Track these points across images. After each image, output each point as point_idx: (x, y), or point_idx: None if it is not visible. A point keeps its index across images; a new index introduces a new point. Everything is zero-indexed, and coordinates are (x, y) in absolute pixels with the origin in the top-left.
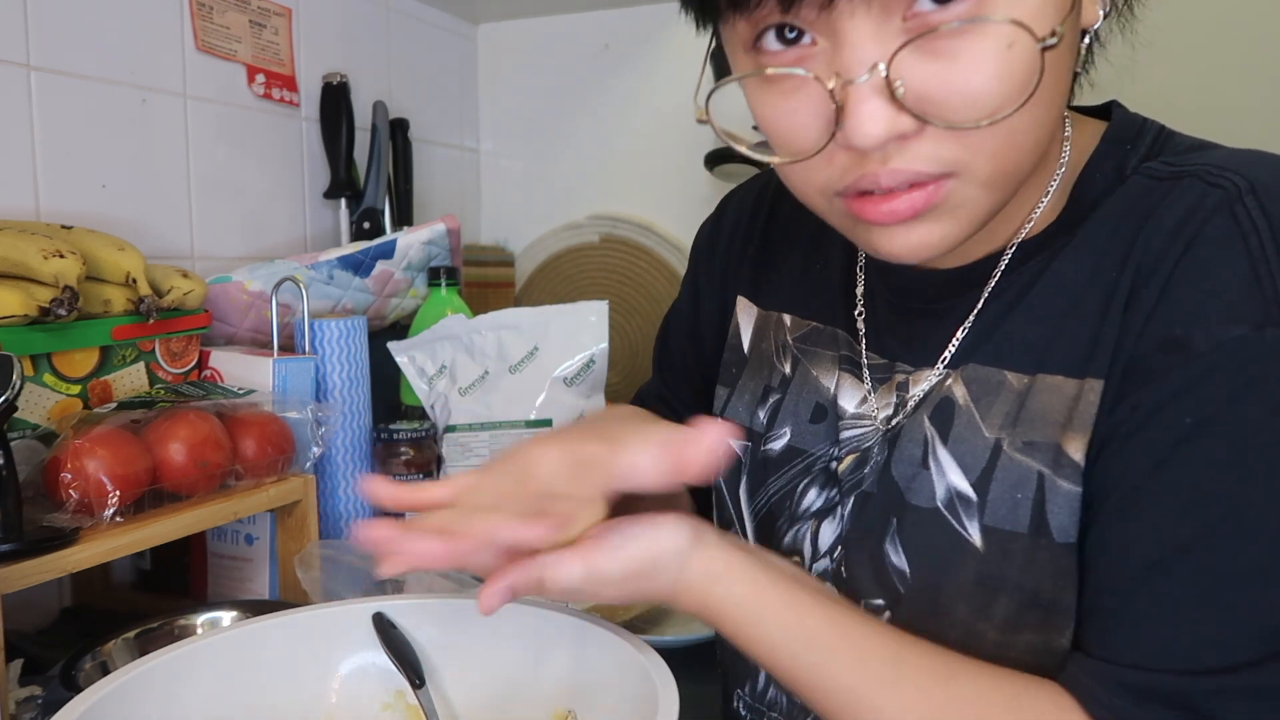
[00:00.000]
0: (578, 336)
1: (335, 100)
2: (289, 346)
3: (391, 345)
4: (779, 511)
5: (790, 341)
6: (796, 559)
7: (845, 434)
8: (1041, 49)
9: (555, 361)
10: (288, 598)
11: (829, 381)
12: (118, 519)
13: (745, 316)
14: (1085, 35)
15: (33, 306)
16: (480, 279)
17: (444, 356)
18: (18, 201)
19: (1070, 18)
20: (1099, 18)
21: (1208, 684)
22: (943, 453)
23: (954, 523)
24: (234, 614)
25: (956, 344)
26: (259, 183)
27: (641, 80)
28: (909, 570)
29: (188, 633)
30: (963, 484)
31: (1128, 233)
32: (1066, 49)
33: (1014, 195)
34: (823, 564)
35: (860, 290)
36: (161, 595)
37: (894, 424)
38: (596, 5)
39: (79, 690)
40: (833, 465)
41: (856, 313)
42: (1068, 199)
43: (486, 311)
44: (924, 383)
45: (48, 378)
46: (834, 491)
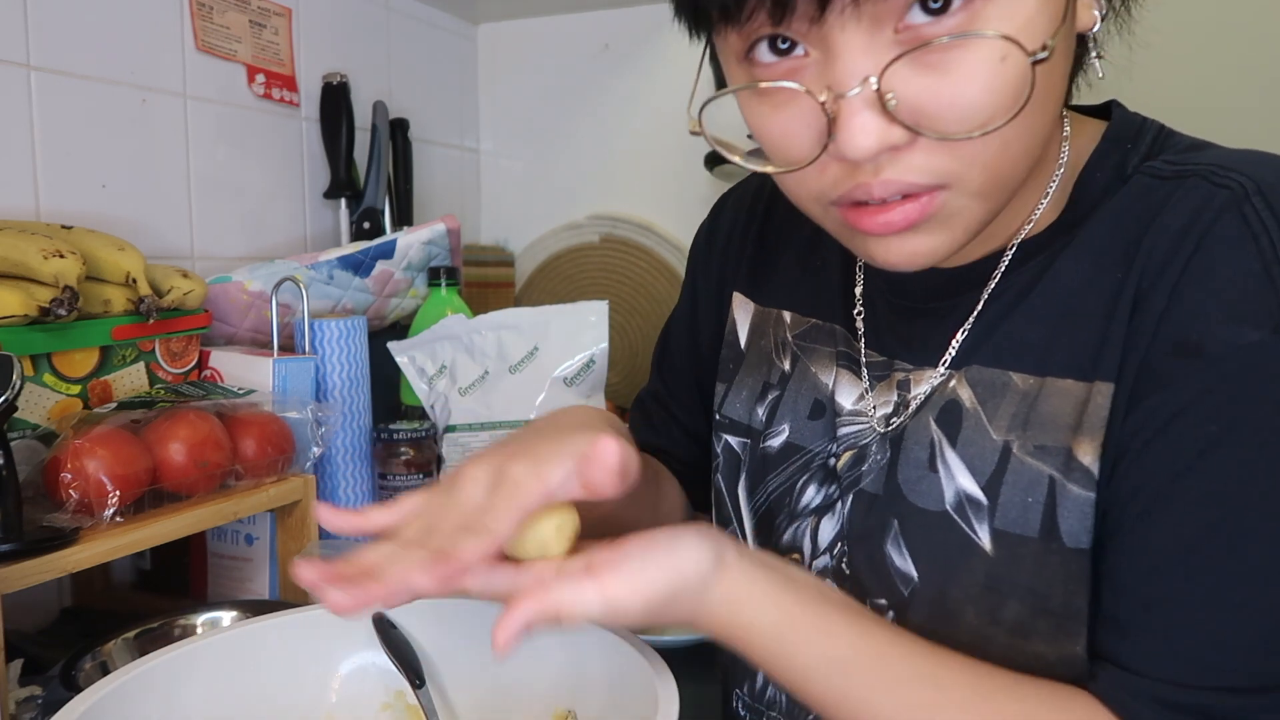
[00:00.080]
0: (578, 336)
1: (335, 100)
2: (289, 346)
3: (391, 345)
4: (778, 508)
5: (790, 339)
6: (796, 556)
7: (842, 430)
8: (1033, 63)
9: (555, 361)
10: (288, 598)
11: (827, 378)
12: (118, 519)
13: (742, 312)
14: (1085, 38)
15: (33, 306)
16: (480, 279)
17: (444, 356)
18: (18, 201)
19: (1063, 28)
20: (1096, 20)
21: (1248, 702)
22: (951, 456)
23: (964, 526)
24: (234, 614)
25: (957, 344)
26: (259, 183)
27: (641, 80)
28: (916, 573)
29: (188, 633)
30: (972, 487)
31: (1131, 232)
32: (1060, 57)
33: (1009, 201)
34: (823, 560)
35: (859, 289)
36: (161, 595)
37: (895, 424)
38: (596, 5)
39: (79, 690)
40: (831, 462)
41: (856, 311)
42: (1068, 199)
43: (486, 311)
44: (925, 383)
45: (48, 378)
46: (833, 488)
